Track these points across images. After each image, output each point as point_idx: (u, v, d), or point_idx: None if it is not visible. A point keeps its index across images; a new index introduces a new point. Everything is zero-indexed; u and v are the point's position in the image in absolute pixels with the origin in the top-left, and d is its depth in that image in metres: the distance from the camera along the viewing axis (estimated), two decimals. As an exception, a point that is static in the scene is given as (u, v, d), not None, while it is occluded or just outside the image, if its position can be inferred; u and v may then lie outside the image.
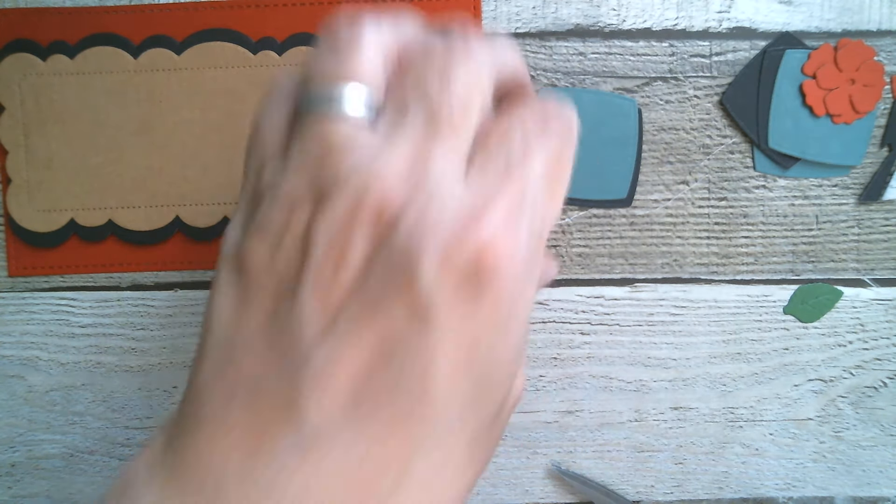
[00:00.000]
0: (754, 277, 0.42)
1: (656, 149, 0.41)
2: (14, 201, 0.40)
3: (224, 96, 0.40)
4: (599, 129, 0.41)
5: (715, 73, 0.41)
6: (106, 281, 0.41)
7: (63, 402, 0.41)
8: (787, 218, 0.41)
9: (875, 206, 0.42)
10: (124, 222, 0.40)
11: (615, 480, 0.42)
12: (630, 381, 0.42)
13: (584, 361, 0.42)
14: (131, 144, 0.40)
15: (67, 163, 0.40)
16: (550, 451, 0.42)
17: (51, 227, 0.40)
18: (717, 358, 0.42)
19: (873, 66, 0.40)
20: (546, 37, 0.41)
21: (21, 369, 0.41)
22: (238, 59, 0.40)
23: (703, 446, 0.42)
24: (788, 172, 0.41)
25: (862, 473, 0.42)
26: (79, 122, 0.40)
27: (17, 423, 0.42)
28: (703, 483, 0.42)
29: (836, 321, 0.42)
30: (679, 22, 0.41)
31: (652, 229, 0.41)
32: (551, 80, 0.41)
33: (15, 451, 0.42)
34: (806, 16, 0.41)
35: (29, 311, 0.41)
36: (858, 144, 0.41)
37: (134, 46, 0.40)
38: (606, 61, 0.41)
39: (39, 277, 0.41)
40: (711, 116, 0.41)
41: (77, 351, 0.41)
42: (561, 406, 0.42)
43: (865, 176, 0.41)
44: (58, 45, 0.40)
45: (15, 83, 0.40)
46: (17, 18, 0.40)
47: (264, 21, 0.40)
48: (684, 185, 0.41)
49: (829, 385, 0.42)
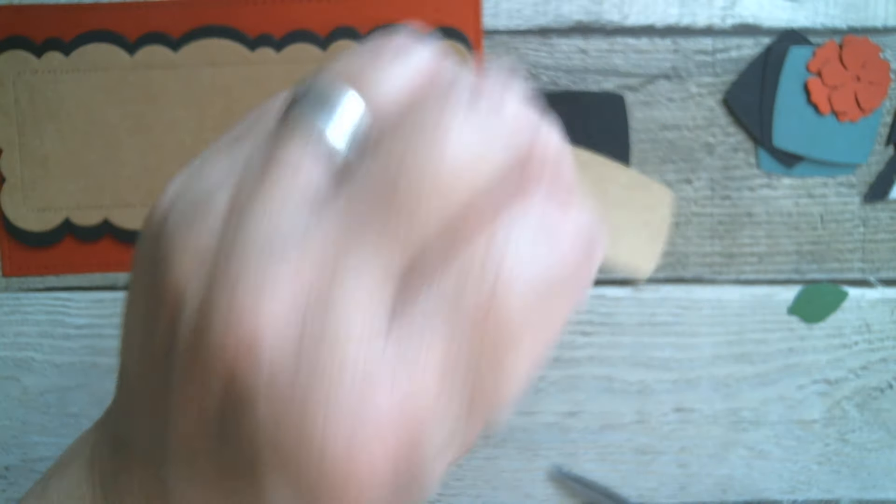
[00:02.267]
0: (758, 277, 0.41)
1: (659, 147, 0.41)
2: (8, 200, 0.40)
3: (221, 94, 0.40)
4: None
5: (718, 71, 0.40)
6: (101, 281, 0.41)
7: (58, 404, 0.41)
8: (791, 217, 0.41)
9: (881, 205, 0.41)
10: (120, 221, 0.40)
11: (617, 483, 0.42)
12: (632, 383, 0.41)
13: (586, 362, 0.41)
14: (127, 142, 0.40)
15: (62, 161, 0.40)
16: (552, 454, 0.42)
17: (46, 226, 0.40)
18: (720, 359, 0.41)
19: (879, 63, 0.40)
20: (547, 34, 0.40)
21: (15, 371, 0.41)
22: (236, 56, 0.40)
23: (707, 448, 0.42)
24: (793, 171, 0.41)
25: (867, 476, 0.42)
26: (74, 120, 0.40)
27: (11, 426, 0.41)
28: (707, 486, 0.42)
29: (842, 322, 0.41)
30: (682, 19, 0.40)
31: (655, 229, 0.41)
32: (553, 78, 0.40)
33: (9, 454, 0.41)
34: (811, 12, 0.40)
35: (23, 311, 0.41)
36: (864, 142, 0.40)
37: (130, 43, 0.40)
38: (609, 59, 0.40)
39: (34, 277, 0.41)
40: (715, 114, 0.41)
41: (72, 352, 0.41)
42: (562, 407, 0.42)
43: (871, 174, 0.41)
44: (53, 41, 0.40)
45: (9, 81, 0.40)
46: (11, 15, 0.40)
47: (262, 17, 0.40)
48: (687, 184, 0.41)
49: (835, 386, 0.42)
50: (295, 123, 0.16)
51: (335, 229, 0.15)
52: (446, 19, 0.40)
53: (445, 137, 0.15)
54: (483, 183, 0.15)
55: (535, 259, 0.16)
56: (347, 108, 0.16)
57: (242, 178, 0.16)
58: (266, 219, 0.15)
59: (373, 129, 0.16)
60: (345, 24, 0.40)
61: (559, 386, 0.41)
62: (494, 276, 0.15)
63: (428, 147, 0.15)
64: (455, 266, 0.15)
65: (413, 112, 0.16)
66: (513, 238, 0.15)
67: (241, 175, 0.16)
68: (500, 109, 0.16)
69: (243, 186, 0.16)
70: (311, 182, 0.15)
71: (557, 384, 0.41)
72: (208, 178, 0.16)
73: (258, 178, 0.16)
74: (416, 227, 0.15)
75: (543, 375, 0.41)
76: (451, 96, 0.16)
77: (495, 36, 0.40)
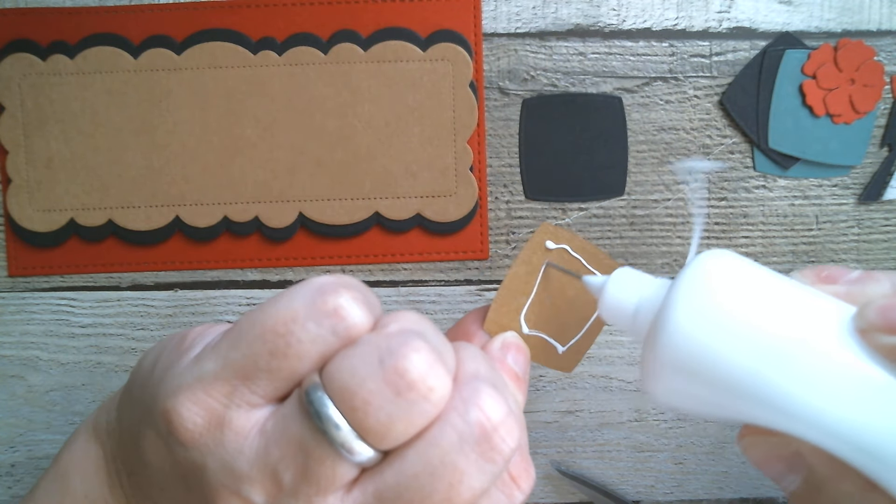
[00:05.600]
0: (754, 277, 0.42)
1: (656, 149, 0.41)
2: (14, 201, 0.40)
3: (224, 96, 0.40)
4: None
5: (715, 73, 0.41)
6: (106, 281, 0.41)
7: (63, 402, 0.41)
8: (787, 218, 0.41)
9: (875, 206, 0.42)
10: (124, 222, 0.40)
11: (615, 480, 0.42)
12: (630, 381, 0.42)
13: (584, 361, 0.42)
14: (131, 144, 0.40)
15: (67, 163, 0.40)
16: (550, 451, 0.42)
17: (51, 226, 0.40)
18: (717, 358, 0.42)
19: (873, 66, 0.40)
20: (546, 37, 0.41)
21: (21, 369, 0.41)
22: (238, 59, 0.40)
23: (703, 446, 0.42)
24: (788, 172, 0.41)
25: (862, 473, 0.42)
26: (79, 122, 0.40)
27: (17, 423, 0.42)
28: (703, 483, 0.42)
29: (836, 321, 0.42)
30: (679, 22, 0.41)
31: (652, 229, 0.41)
32: (551, 80, 0.41)
33: (15, 451, 0.42)
34: (806, 16, 0.41)
35: (29, 311, 0.41)
36: (858, 144, 0.41)
37: (134, 46, 0.40)
38: (606, 61, 0.41)
39: (39, 277, 0.41)
40: (711, 116, 0.41)
41: (77, 351, 0.41)
42: (561, 406, 0.42)
43: (865, 176, 0.41)
44: (58, 45, 0.40)
45: (15, 83, 0.40)
46: (16, 18, 0.40)
47: (264, 21, 0.40)
48: (684, 185, 0.41)
49: (829, 385, 0.42)
50: (325, 451, 0.20)
51: None
52: (446, 22, 0.40)
53: (459, 476, 0.20)
54: (480, 496, 0.21)
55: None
56: (368, 456, 0.21)
57: (274, 473, 0.21)
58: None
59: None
60: (346, 27, 0.40)
61: (558, 385, 0.42)
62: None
63: (444, 483, 0.20)
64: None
65: (427, 445, 0.21)
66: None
67: (273, 470, 0.21)
68: (501, 454, 0.21)
69: (282, 485, 0.21)
70: (342, 482, 0.21)
71: (556, 383, 0.42)
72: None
73: (298, 480, 0.21)
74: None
75: (542, 375, 0.42)
76: (461, 436, 0.21)
77: (495, 39, 0.41)
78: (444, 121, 0.40)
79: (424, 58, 0.40)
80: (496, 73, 0.41)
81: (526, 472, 0.23)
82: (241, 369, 0.21)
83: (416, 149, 0.40)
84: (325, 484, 0.20)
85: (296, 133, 0.40)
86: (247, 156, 0.40)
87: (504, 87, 0.41)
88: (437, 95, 0.40)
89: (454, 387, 0.21)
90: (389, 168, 0.40)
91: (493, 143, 0.41)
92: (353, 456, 0.20)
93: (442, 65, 0.40)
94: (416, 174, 0.40)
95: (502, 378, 0.24)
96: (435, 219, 0.41)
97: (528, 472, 0.23)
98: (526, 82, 0.41)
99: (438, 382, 0.20)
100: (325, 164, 0.40)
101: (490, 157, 0.41)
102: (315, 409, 0.20)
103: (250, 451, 0.21)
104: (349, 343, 0.21)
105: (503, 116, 0.41)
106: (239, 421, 0.21)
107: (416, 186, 0.40)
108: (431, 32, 0.40)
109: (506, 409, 0.21)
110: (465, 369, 0.22)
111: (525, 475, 0.23)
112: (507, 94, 0.41)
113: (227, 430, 0.21)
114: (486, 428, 0.21)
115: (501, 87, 0.41)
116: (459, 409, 0.21)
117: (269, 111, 0.40)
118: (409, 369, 0.20)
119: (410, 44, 0.40)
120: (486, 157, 0.41)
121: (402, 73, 0.40)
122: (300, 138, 0.40)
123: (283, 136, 0.40)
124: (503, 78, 0.41)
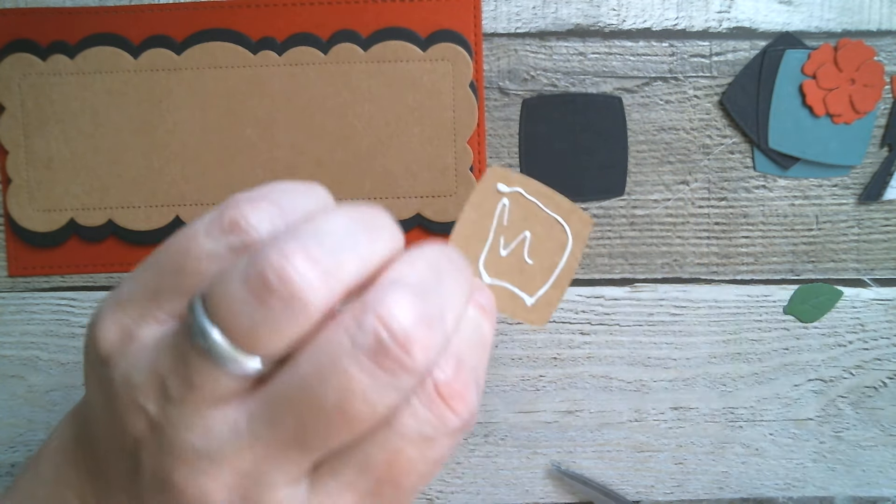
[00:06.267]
0: (754, 277, 0.42)
1: (656, 149, 0.41)
2: (14, 201, 0.40)
3: (224, 96, 0.40)
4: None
5: (715, 73, 0.41)
6: (106, 281, 0.41)
7: (63, 403, 0.41)
8: (787, 218, 0.41)
9: (875, 205, 0.42)
10: (124, 222, 0.40)
11: (615, 480, 0.42)
12: (630, 381, 0.42)
13: (584, 361, 0.42)
14: (131, 144, 0.40)
15: (67, 163, 0.40)
16: (550, 451, 0.42)
17: (51, 226, 0.40)
18: (717, 358, 0.42)
19: (873, 66, 0.40)
20: (546, 37, 0.41)
21: (21, 369, 0.41)
22: (238, 58, 0.40)
23: (704, 446, 0.42)
24: (788, 172, 0.41)
25: (862, 473, 0.42)
26: (79, 122, 0.40)
27: (17, 424, 0.42)
28: (703, 483, 0.42)
29: (837, 321, 0.42)
30: (679, 22, 0.41)
31: (652, 229, 0.41)
32: (551, 80, 0.41)
33: (15, 451, 0.42)
34: (806, 16, 0.41)
35: (29, 311, 0.41)
36: (858, 144, 0.41)
37: (134, 46, 0.40)
38: (606, 61, 0.41)
39: (39, 277, 0.41)
40: (711, 116, 0.41)
41: (77, 351, 0.41)
42: (561, 406, 0.42)
43: (865, 176, 0.41)
44: (58, 45, 0.40)
45: (15, 83, 0.40)
46: (16, 18, 0.40)
47: (264, 21, 0.40)
48: (684, 185, 0.41)
49: (829, 385, 0.42)
50: (203, 361, 0.20)
51: (256, 443, 0.20)
52: (446, 22, 0.40)
53: (350, 385, 0.19)
54: (385, 410, 0.20)
55: (425, 455, 0.21)
56: (249, 366, 0.20)
57: (165, 386, 0.20)
58: (193, 432, 0.20)
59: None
60: (346, 27, 0.40)
61: (558, 385, 0.42)
62: (388, 466, 0.21)
63: (334, 392, 0.19)
64: (358, 455, 0.21)
65: (317, 352, 0.20)
66: (406, 439, 0.20)
67: (162, 383, 0.21)
68: (403, 366, 0.19)
69: (168, 395, 0.20)
70: (227, 392, 0.20)
71: (556, 383, 0.42)
72: (137, 358, 0.21)
73: (181, 390, 0.20)
74: (328, 444, 0.20)
75: (542, 375, 0.42)
76: (353, 341, 0.19)
77: (495, 39, 0.41)
78: (444, 121, 0.40)
79: (424, 58, 0.40)
80: (496, 73, 0.41)
81: (461, 396, 0.21)
82: (151, 288, 0.21)
83: (416, 149, 0.40)
84: (209, 394, 0.20)
85: (296, 133, 0.40)
86: (247, 156, 0.40)
87: (504, 88, 0.41)
88: (437, 95, 0.40)
89: (367, 290, 0.20)
90: (389, 168, 0.40)
91: (493, 143, 0.41)
92: (229, 364, 0.19)
93: (442, 65, 0.40)
94: (416, 174, 0.40)
95: (445, 290, 0.21)
96: (435, 219, 0.41)
97: (464, 396, 0.21)
98: (526, 82, 0.41)
99: (306, 286, 0.19)
100: (325, 164, 0.40)
101: (490, 158, 0.41)
102: (189, 319, 0.20)
103: (145, 362, 0.21)
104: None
105: (503, 116, 0.41)
106: (144, 335, 0.21)
107: (416, 186, 0.40)
108: (431, 32, 0.40)
109: (416, 318, 0.19)
110: (391, 274, 0.21)
111: (460, 398, 0.21)
112: (507, 94, 0.41)
113: (134, 343, 0.21)
114: (380, 336, 0.19)
115: (501, 88, 0.41)
116: (357, 314, 0.19)
117: (269, 111, 0.40)
118: (267, 275, 0.19)
119: (410, 44, 0.40)
120: (486, 157, 0.41)
121: (402, 73, 0.40)
122: (300, 138, 0.40)
123: (283, 136, 0.40)
124: (503, 78, 0.41)
